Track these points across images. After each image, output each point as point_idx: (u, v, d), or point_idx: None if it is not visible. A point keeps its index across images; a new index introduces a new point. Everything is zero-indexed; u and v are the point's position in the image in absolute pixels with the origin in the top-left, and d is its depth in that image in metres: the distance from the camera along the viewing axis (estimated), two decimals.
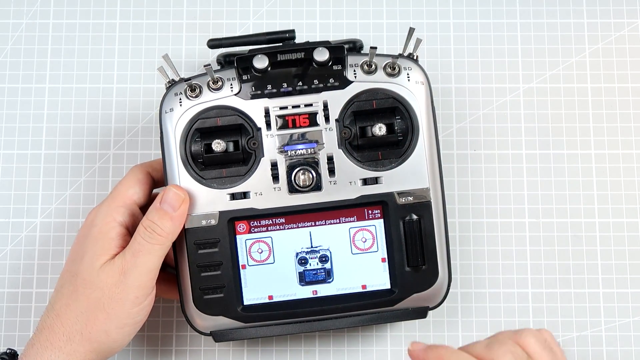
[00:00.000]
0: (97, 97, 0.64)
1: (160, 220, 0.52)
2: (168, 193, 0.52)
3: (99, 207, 0.54)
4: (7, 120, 0.64)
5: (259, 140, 0.54)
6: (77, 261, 0.52)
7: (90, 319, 0.51)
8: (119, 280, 0.51)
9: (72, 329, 0.51)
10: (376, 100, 0.54)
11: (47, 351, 0.50)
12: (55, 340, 0.51)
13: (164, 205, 0.52)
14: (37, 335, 0.51)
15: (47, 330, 0.51)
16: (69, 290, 0.52)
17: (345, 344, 0.61)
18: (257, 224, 0.55)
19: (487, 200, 0.62)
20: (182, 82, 0.55)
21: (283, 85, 0.54)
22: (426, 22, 0.65)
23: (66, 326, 0.51)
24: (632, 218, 0.62)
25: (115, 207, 0.53)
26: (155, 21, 0.65)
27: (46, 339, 0.51)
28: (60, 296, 0.52)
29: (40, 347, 0.50)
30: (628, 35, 0.65)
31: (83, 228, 0.54)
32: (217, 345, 0.61)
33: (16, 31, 0.65)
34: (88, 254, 0.52)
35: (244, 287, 0.55)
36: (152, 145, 0.63)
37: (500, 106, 0.64)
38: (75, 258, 0.53)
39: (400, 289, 0.54)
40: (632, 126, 0.64)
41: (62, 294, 0.52)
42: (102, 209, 0.54)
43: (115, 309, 0.51)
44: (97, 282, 0.51)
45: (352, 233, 0.55)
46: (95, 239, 0.52)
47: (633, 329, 0.60)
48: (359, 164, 0.54)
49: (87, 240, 0.53)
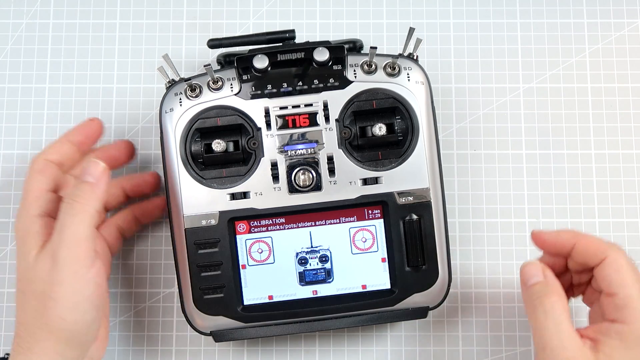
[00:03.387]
0: (97, 97, 0.64)
1: (80, 189, 0.50)
2: (88, 164, 0.52)
3: (17, 213, 0.54)
4: (7, 120, 0.64)
5: (259, 140, 0.54)
6: (17, 267, 0.52)
7: (43, 312, 0.50)
8: (52, 263, 0.50)
9: (34, 329, 0.50)
10: (376, 100, 0.54)
11: (19, 356, 0.50)
12: (24, 344, 0.50)
13: (83, 176, 0.51)
14: (12, 348, 0.51)
15: (17, 339, 0.51)
16: (19, 298, 0.52)
17: (345, 344, 0.61)
18: (257, 224, 0.55)
19: (487, 200, 0.62)
20: (182, 82, 0.55)
21: (283, 85, 0.54)
22: (426, 22, 0.65)
23: (28, 329, 0.50)
24: (632, 218, 0.62)
25: (28, 204, 0.53)
26: (155, 21, 0.65)
27: (17, 345, 0.51)
28: (17, 307, 0.52)
29: (16, 356, 0.50)
30: (628, 35, 0.65)
31: (15, 238, 0.54)
32: (217, 345, 0.61)
33: (16, 31, 0.65)
34: (20, 256, 0.52)
35: (244, 287, 0.55)
36: (152, 145, 0.63)
37: (500, 106, 0.64)
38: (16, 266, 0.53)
39: (400, 289, 0.54)
40: (632, 126, 0.64)
41: (17, 304, 0.52)
42: (19, 212, 0.53)
43: (59, 292, 0.49)
44: (35, 274, 0.50)
45: (352, 233, 0.55)
46: (22, 240, 0.52)
47: None
48: (359, 164, 0.54)
49: (17, 246, 0.53)
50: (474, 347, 0.60)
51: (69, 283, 0.50)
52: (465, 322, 0.61)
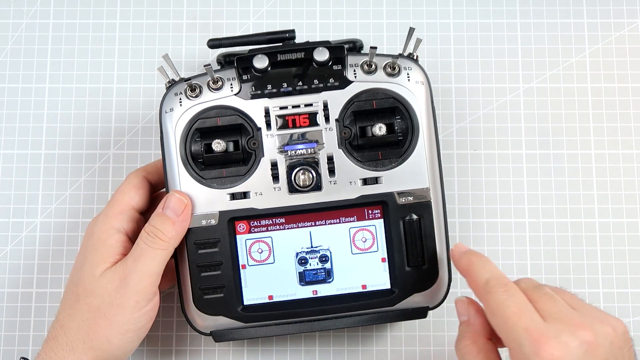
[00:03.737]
0: (97, 97, 0.64)
1: (162, 225, 0.52)
2: (170, 198, 0.53)
3: (98, 216, 0.54)
4: (7, 120, 0.64)
5: (259, 140, 0.54)
6: (78, 271, 0.53)
7: (92, 327, 0.51)
8: (119, 286, 0.51)
9: (75, 338, 0.51)
10: (376, 100, 0.54)
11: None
12: (58, 350, 0.51)
13: (166, 210, 0.52)
14: (43, 347, 0.52)
15: (52, 341, 0.52)
16: (71, 300, 0.52)
17: (345, 344, 0.61)
18: (257, 224, 0.55)
19: (487, 200, 0.62)
20: (182, 82, 0.55)
21: (283, 85, 0.54)
22: (426, 22, 0.65)
23: (69, 336, 0.51)
24: (632, 218, 0.62)
25: (113, 215, 0.53)
26: (155, 21, 0.65)
27: (50, 349, 0.51)
28: (64, 307, 0.53)
29: (46, 357, 0.51)
30: (628, 35, 0.65)
31: (84, 238, 0.55)
32: (217, 345, 0.61)
33: (16, 31, 0.65)
34: (87, 263, 0.52)
35: (244, 287, 0.55)
36: (152, 145, 0.63)
37: (500, 106, 0.64)
38: (77, 268, 0.53)
39: (400, 288, 0.54)
40: (632, 126, 0.64)
41: (65, 304, 0.53)
42: (100, 217, 0.54)
43: (116, 315, 0.51)
44: (97, 289, 0.51)
45: (352, 233, 0.55)
46: (94, 247, 0.53)
47: (633, 329, 0.60)
48: (359, 164, 0.54)
49: (87, 249, 0.53)
50: None
51: (129, 311, 0.51)
52: None
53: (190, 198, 0.54)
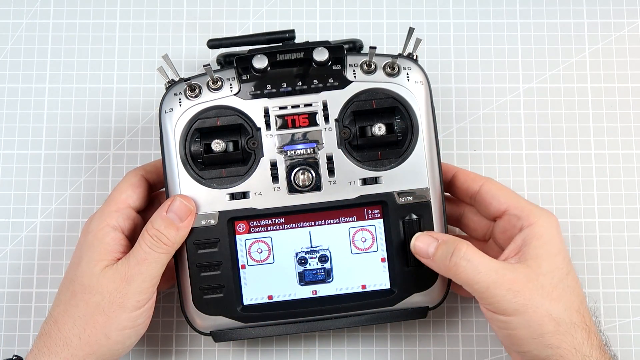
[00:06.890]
0: (97, 97, 0.64)
1: (166, 230, 0.52)
2: (175, 202, 0.53)
3: (94, 214, 0.54)
4: (7, 120, 0.64)
5: (258, 140, 0.54)
6: (75, 268, 0.53)
7: (90, 323, 0.51)
8: (121, 286, 0.51)
9: (70, 333, 0.51)
10: (376, 100, 0.54)
11: (43, 356, 0.51)
12: (51, 346, 0.51)
13: (170, 214, 0.52)
14: (35, 344, 0.52)
15: (45, 337, 0.51)
16: (66, 297, 0.52)
17: (345, 344, 0.61)
18: (257, 224, 0.55)
19: None
20: (182, 82, 0.55)
21: (283, 85, 0.54)
22: (426, 22, 0.65)
23: (63, 331, 0.51)
24: (632, 218, 0.62)
25: (109, 213, 0.53)
26: (155, 21, 0.66)
27: (43, 344, 0.51)
28: (58, 302, 0.53)
29: (38, 353, 0.51)
30: (628, 35, 0.65)
31: (80, 235, 0.55)
32: (217, 345, 0.61)
33: (16, 31, 0.65)
34: (85, 260, 0.52)
35: (243, 287, 0.55)
36: (152, 145, 0.63)
37: (500, 106, 0.64)
38: (73, 265, 0.53)
39: (400, 288, 0.54)
40: (632, 126, 0.63)
41: (59, 300, 0.53)
42: (97, 215, 0.54)
43: (116, 312, 0.51)
44: (97, 286, 0.51)
45: (352, 233, 0.55)
46: (91, 244, 0.53)
47: (633, 329, 0.60)
48: (358, 164, 0.54)
49: (83, 247, 0.53)
50: (474, 347, 0.60)
51: (129, 309, 0.51)
52: (465, 322, 0.61)
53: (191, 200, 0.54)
